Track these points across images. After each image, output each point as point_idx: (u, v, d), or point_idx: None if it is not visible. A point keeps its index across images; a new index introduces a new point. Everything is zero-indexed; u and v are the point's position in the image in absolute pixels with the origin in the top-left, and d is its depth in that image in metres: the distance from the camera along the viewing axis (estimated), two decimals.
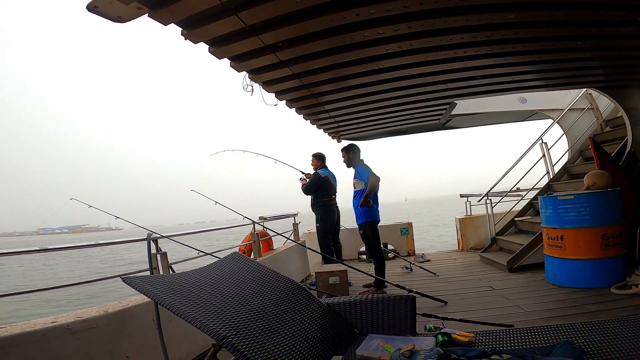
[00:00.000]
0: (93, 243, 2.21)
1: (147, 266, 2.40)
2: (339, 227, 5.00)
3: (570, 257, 3.33)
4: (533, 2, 2.29)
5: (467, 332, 1.56)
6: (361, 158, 4.08)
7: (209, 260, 2.06)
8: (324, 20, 2.26)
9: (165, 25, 2.13)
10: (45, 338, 1.59)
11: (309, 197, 4.83)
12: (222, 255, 2.11)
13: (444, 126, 6.02)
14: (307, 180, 4.86)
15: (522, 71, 3.50)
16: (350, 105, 4.05)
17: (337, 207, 4.90)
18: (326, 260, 4.55)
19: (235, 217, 4.19)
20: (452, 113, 5.04)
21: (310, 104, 3.87)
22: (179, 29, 2.23)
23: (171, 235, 2.67)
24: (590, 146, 4.24)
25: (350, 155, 4.06)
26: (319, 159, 4.87)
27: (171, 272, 2.49)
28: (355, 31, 2.41)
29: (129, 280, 1.38)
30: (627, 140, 4.26)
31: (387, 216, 6.58)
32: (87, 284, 2.15)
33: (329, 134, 5.44)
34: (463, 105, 5.09)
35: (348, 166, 4.12)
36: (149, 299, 1.57)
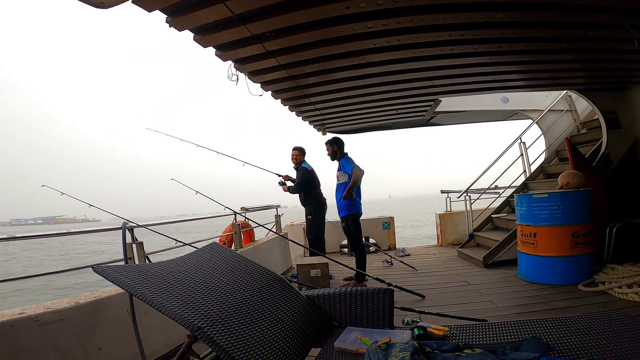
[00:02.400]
0: (64, 232, 2.13)
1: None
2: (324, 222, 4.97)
3: (542, 254, 3.45)
4: (522, 2, 2.32)
5: (443, 326, 1.60)
6: (345, 151, 4.09)
7: (187, 251, 2.02)
8: (313, 12, 2.23)
9: (150, 11, 2.05)
10: (13, 330, 1.54)
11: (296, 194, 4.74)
12: (201, 245, 2.08)
13: (428, 122, 6.09)
14: (289, 180, 4.78)
15: (506, 71, 3.57)
16: (337, 98, 4.04)
17: (325, 198, 4.86)
18: (311, 253, 4.54)
19: (217, 209, 4.14)
20: (436, 110, 5.10)
21: (296, 95, 3.84)
22: (164, 16, 2.15)
23: (148, 225, 2.60)
24: (566, 147, 4.39)
25: (335, 148, 4.07)
26: (303, 153, 4.79)
27: (147, 262, 2.44)
28: (343, 24, 2.39)
29: (101, 270, 1.34)
30: (601, 142, 4.42)
31: (370, 214, 6.64)
32: (57, 274, 2.08)
33: (314, 126, 5.42)
34: (447, 103, 5.16)
35: (332, 159, 4.12)
36: (123, 290, 1.53)
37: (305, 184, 4.62)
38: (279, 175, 4.85)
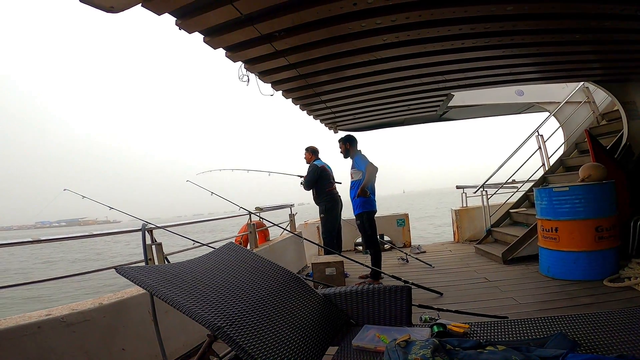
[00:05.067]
0: (87, 234, 2.19)
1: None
2: (340, 220, 4.92)
3: (564, 249, 3.36)
4: None
5: (462, 323, 1.57)
6: (359, 149, 4.07)
7: (204, 251, 2.05)
8: (321, 10, 2.23)
9: (159, 14, 2.08)
10: (40, 331, 1.58)
11: (310, 190, 4.77)
12: (218, 245, 2.11)
13: (440, 118, 6.01)
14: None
15: (520, 64, 3.49)
16: (347, 95, 4.03)
17: (340, 196, 4.84)
18: (326, 251, 4.54)
19: (232, 208, 4.19)
20: (449, 105, 5.02)
21: (306, 94, 3.84)
22: (173, 19, 2.18)
23: (166, 226, 2.65)
24: (586, 139, 4.26)
25: (348, 146, 4.06)
26: (312, 153, 4.82)
27: (166, 263, 2.48)
28: (352, 21, 2.37)
29: (123, 271, 1.37)
30: (622, 134, 4.27)
31: (384, 209, 6.59)
32: (81, 276, 2.14)
33: (326, 125, 5.41)
34: (460, 97, 5.08)
35: (345, 157, 4.12)
36: (144, 291, 1.56)
37: (311, 180, 4.63)
38: (301, 177, 4.90)
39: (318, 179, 4.66)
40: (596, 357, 1.03)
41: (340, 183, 4.86)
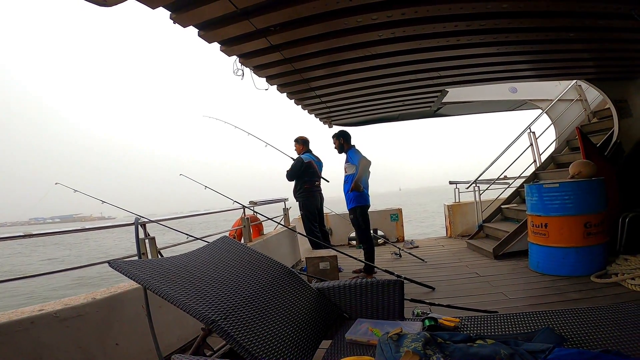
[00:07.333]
0: (79, 228, 2.18)
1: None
2: (323, 214, 4.90)
3: (553, 245, 3.42)
4: None
5: (453, 317, 1.60)
6: (352, 143, 4.08)
7: (198, 245, 2.05)
8: (317, 5, 2.22)
9: (153, 8, 2.05)
10: (34, 326, 1.57)
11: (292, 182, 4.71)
12: (212, 239, 2.11)
13: (435, 113, 6.04)
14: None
15: (514, 61, 3.51)
16: (342, 90, 4.02)
17: (321, 193, 4.77)
18: (314, 246, 4.54)
19: (228, 203, 4.17)
20: (443, 101, 5.04)
21: (301, 89, 3.83)
22: (168, 13, 2.16)
23: (160, 220, 2.64)
24: (577, 136, 4.31)
25: (342, 141, 4.07)
26: (302, 144, 4.72)
27: (160, 257, 2.47)
28: (348, 16, 2.37)
29: (116, 265, 1.37)
30: (613, 132, 4.33)
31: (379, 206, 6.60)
32: (75, 270, 2.13)
33: (321, 120, 5.40)
34: (454, 93, 5.10)
35: (339, 152, 4.13)
36: (138, 285, 1.56)
37: (293, 173, 4.53)
38: (294, 160, 4.79)
39: (300, 174, 4.56)
40: (581, 351, 1.06)
41: (328, 181, 4.82)
